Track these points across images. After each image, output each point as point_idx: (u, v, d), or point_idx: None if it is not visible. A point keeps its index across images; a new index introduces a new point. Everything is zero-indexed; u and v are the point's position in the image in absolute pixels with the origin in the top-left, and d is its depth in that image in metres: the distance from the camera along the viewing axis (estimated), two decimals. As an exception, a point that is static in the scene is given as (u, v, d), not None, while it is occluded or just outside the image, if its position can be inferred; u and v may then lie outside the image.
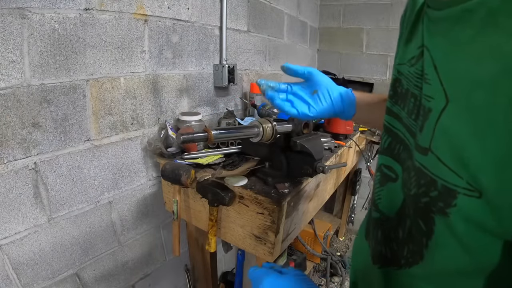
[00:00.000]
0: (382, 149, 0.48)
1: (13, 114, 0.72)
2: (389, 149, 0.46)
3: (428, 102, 0.35)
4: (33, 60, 0.74)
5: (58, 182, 0.84)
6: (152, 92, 1.07)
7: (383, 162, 0.47)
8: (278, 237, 0.83)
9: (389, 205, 0.44)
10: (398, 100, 0.44)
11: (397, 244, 0.41)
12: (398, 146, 0.44)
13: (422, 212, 0.35)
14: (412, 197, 0.37)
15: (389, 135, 0.46)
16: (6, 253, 0.75)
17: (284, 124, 0.81)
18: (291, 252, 1.86)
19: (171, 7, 1.08)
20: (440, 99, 0.33)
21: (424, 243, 0.35)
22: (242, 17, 1.48)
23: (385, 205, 0.46)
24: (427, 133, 0.34)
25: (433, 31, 0.36)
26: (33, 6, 0.72)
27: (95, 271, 0.99)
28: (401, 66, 0.44)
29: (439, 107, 0.33)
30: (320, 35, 2.46)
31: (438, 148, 0.32)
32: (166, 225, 1.24)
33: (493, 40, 0.27)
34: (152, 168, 1.13)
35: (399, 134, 0.43)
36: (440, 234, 0.33)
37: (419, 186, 0.36)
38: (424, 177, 0.35)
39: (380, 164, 0.48)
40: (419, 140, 0.36)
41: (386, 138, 0.47)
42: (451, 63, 0.32)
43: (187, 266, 1.38)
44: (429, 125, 0.34)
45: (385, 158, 0.47)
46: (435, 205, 0.33)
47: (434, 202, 0.33)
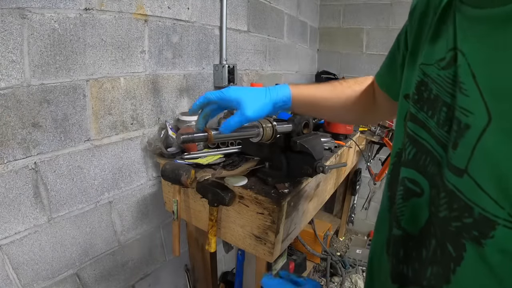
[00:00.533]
0: (406, 160, 0.43)
1: (13, 114, 0.72)
2: (414, 161, 0.41)
3: (465, 117, 0.30)
4: (33, 60, 0.74)
5: (58, 182, 0.84)
6: (152, 92, 1.07)
7: (406, 175, 0.42)
8: (278, 237, 0.83)
9: (412, 222, 0.41)
10: (424, 106, 0.39)
11: (419, 264, 0.38)
12: (424, 158, 0.39)
13: (452, 237, 0.32)
14: (441, 219, 0.34)
15: (413, 146, 0.41)
16: (6, 253, 0.75)
17: (284, 124, 0.81)
18: (291, 252, 1.86)
19: (171, 7, 1.08)
20: (481, 116, 0.28)
21: (452, 268, 0.32)
22: (242, 17, 1.48)
23: (408, 221, 0.42)
24: (463, 152, 0.30)
25: (470, 33, 0.31)
26: (33, 6, 0.72)
27: (95, 271, 0.99)
28: (428, 67, 0.38)
29: (479, 125, 0.28)
30: (320, 35, 2.46)
31: (477, 171, 0.29)
32: (166, 225, 1.24)
33: None
34: (152, 168, 1.13)
35: (425, 145, 0.39)
36: (471, 261, 0.30)
37: (451, 209, 0.32)
38: (457, 201, 0.31)
39: (403, 177, 0.43)
40: (452, 158, 0.32)
41: (411, 149, 0.41)
42: (495, 73, 0.28)
43: (187, 266, 1.38)
44: (466, 143, 0.30)
45: (409, 171, 0.42)
46: (468, 232, 0.30)
47: (467, 229, 0.30)
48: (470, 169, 0.29)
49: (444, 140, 0.35)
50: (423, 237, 0.38)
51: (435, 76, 0.37)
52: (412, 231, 0.40)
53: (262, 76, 1.73)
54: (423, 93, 0.39)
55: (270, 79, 1.80)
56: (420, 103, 0.40)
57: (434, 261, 0.35)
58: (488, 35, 0.28)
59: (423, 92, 0.39)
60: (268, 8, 1.69)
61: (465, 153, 0.30)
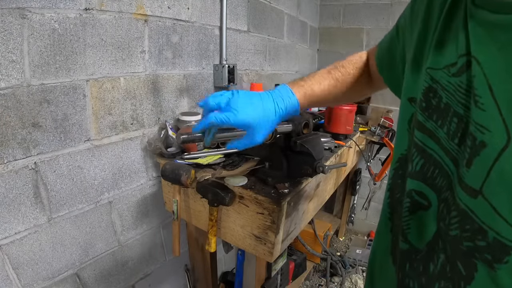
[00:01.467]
0: (413, 171, 0.40)
1: (13, 114, 0.72)
2: (421, 173, 0.39)
3: (481, 134, 0.28)
4: (33, 60, 0.74)
5: (58, 182, 0.84)
6: (152, 92, 1.07)
7: (413, 187, 0.40)
8: (278, 237, 0.83)
9: (419, 236, 0.39)
10: (433, 114, 0.36)
11: (426, 279, 0.37)
12: (432, 170, 0.37)
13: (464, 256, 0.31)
14: (452, 237, 0.32)
15: (421, 156, 0.39)
16: (6, 253, 0.75)
17: (284, 124, 0.81)
18: (291, 252, 1.86)
19: (171, 7, 1.08)
20: (499, 135, 0.26)
21: (462, 286, 0.31)
22: (242, 17, 1.48)
23: (414, 236, 0.40)
24: (478, 172, 0.28)
25: (487, 40, 0.29)
26: (33, 6, 0.72)
27: (95, 271, 0.99)
28: (436, 72, 0.36)
29: (497, 145, 0.26)
30: (320, 35, 2.46)
31: (493, 194, 0.27)
32: (166, 225, 1.24)
33: None
34: (152, 168, 1.13)
35: (434, 156, 0.37)
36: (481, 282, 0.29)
37: (463, 230, 0.31)
38: (470, 222, 0.30)
39: (410, 189, 0.41)
40: (465, 177, 0.30)
41: (418, 160, 0.39)
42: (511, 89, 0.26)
43: (187, 266, 1.38)
44: (481, 162, 0.28)
45: (416, 183, 0.40)
46: (480, 254, 0.29)
47: (480, 251, 0.29)
48: (485, 191, 0.28)
49: (454, 154, 0.33)
50: (430, 251, 0.37)
51: (445, 83, 0.34)
52: (419, 245, 0.39)
53: (262, 76, 1.73)
54: (432, 100, 0.37)
55: (270, 79, 1.80)
56: (429, 111, 0.37)
57: (443, 277, 0.34)
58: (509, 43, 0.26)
59: (431, 99, 0.37)
60: (268, 8, 1.69)
61: (481, 174, 0.28)
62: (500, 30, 0.27)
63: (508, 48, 0.26)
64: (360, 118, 1.86)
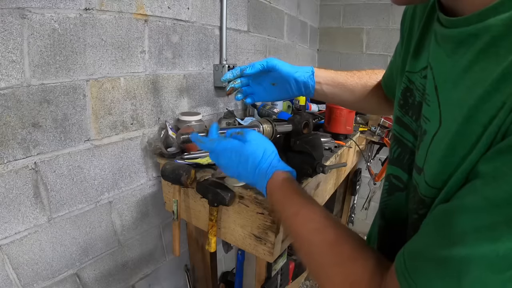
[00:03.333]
0: (392, 159, 0.47)
1: (13, 114, 0.72)
2: (398, 160, 0.45)
3: (425, 124, 0.35)
4: (33, 60, 0.74)
5: (58, 182, 0.84)
6: (152, 92, 1.07)
7: (391, 172, 0.47)
8: (278, 237, 0.83)
9: (395, 214, 0.45)
10: (409, 110, 0.43)
11: None
12: (407, 157, 0.43)
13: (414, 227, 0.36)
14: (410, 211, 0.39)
15: (398, 146, 0.46)
16: (6, 253, 0.75)
17: (284, 124, 0.81)
18: (291, 252, 1.86)
19: (171, 7, 1.08)
20: (434, 123, 0.33)
21: None
22: (242, 17, 1.48)
23: (391, 214, 0.46)
24: (422, 153, 0.35)
25: (438, 50, 0.35)
26: (33, 6, 0.72)
27: (95, 271, 0.99)
28: (413, 75, 0.42)
29: (433, 130, 0.33)
30: (320, 35, 2.46)
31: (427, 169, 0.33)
32: (166, 225, 1.24)
33: (489, 69, 0.26)
34: (152, 168, 1.13)
35: (408, 145, 0.43)
36: None
37: (413, 202, 0.37)
38: (417, 195, 0.36)
39: (389, 174, 0.48)
40: (416, 159, 0.37)
41: (396, 148, 0.46)
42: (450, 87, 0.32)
43: (187, 266, 1.38)
44: (423, 145, 0.35)
45: (394, 169, 0.46)
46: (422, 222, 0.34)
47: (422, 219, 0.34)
48: (425, 167, 0.34)
49: None
50: (403, 227, 0.42)
51: (418, 84, 0.41)
52: (395, 222, 0.45)
53: (262, 76, 1.73)
54: (408, 99, 0.43)
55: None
56: (405, 108, 0.44)
57: None
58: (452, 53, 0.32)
59: (408, 98, 0.43)
60: (268, 8, 1.69)
61: (423, 154, 0.35)
62: (447, 41, 0.33)
63: (451, 55, 0.32)
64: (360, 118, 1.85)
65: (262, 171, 0.51)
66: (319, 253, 0.38)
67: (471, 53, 0.29)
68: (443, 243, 0.27)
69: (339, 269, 0.36)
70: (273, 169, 0.51)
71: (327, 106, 1.39)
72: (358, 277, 0.34)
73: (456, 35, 0.31)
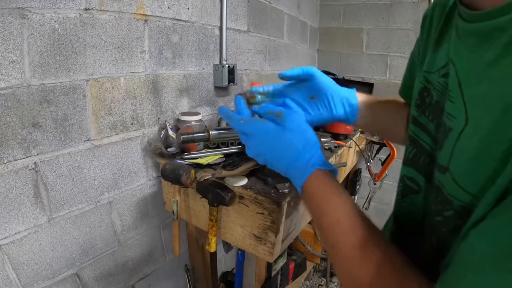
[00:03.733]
0: (406, 160, 0.46)
1: (13, 114, 0.72)
2: (413, 161, 0.44)
3: (449, 121, 0.34)
4: (33, 60, 0.74)
5: (58, 182, 0.84)
6: (152, 92, 1.07)
7: (406, 173, 0.45)
8: (278, 237, 0.83)
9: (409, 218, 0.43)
10: (426, 110, 0.42)
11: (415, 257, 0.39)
12: (423, 158, 0.42)
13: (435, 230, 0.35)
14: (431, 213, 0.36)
15: (414, 146, 0.44)
16: (6, 253, 0.75)
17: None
18: (291, 252, 1.86)
19: (171, 7, 1.08)
20: (460, 119, 0.32)
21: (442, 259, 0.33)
22: (242, 17, 1.48)
23: (405, 217, 0.44)
24: (446, 152, 0.33)
25: (460, 45, 0.34)
26: (33, 6, 0.72)
27: (95, 271, 0.99)
28: (430, 75, 0.41)
29: (459, 127, 0.32)
30: (320, 35, 2.46)
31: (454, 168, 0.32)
32: (166, 225, 1.24)
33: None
34: (152, 168, 1.13)
35: (425, 146, 0.42)
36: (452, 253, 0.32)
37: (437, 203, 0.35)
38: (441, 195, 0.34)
39: (403, 175, 0.46)
40: (439, 157, 0.35)
41: (411, 149, 0.45)
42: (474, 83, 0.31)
43: (187, 266, 1.38)
44: (448, 143, 0.33)
45: (408, 170, 0.45)
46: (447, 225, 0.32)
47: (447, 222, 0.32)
48: (450, 166, 0.33)
49: None
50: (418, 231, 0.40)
51: (436, 84, 0.39)
52: (409, 225, 0.43)
53: (262, 76, 1.73)
54: (425, 98, 0.42)
55: (270, 79, 1.80)
56: (422, 108, 0.42)
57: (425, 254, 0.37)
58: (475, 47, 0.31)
59: (425, 98, 0.42)
60: (268, 8, 1.69)
61: (448, 152, 0.33)
62: (469, 36, 0.32)
63: (475, 50, 0.31)
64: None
65: (301, 166, 0.44)
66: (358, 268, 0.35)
67: (496, 47, 0.28)
68: None
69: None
70: (313, 166, 0.43)
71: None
72: None
73: (479, 29, 0.30)
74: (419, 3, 2.00)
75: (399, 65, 2.19)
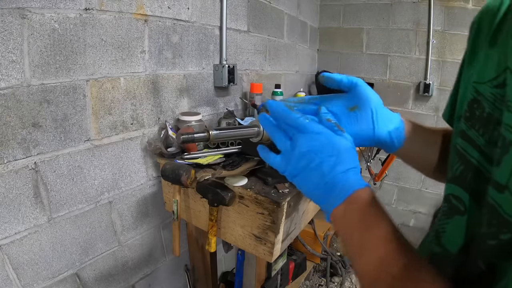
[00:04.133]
0: (452, 177, 0.41)
1: (13, 114, 0.72)
2: (461, 178, 0.40)
3: (510, 134, 0.31)
4: (33, 60, 0.74)
5: (58, 182, 0.84)
6: (152, 92, 1.07)
7: (452, 192, 0.41)
8: (278, 237, 0.83)
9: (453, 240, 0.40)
10: (475, 124, 0.39)
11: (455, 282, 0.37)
12: (471, 175, 0.38)
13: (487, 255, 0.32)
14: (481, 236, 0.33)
15: (462, 162, 0.40)
16: (6, 253, 0.75)
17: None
18: (291, 252, 1.86)
19: (171, 7, 1.08)
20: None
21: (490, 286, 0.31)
22: (242, 17, 1.48)
23: (448, 239, 0.41)
24: (506, 168, 0.30)
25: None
26: (33, 6, 0.72)
27: (95, 271, 0.99)
28: (481, 86, 0.38)
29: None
30: (320, 35, 2.46)
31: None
32: (166, 225, 1.24)
33: None
34: (152, 168, 1.13)
35: (473, 163, 0.38)
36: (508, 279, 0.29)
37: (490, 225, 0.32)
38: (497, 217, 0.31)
39: (448, 193, 0.41)
40: (495, 174, 0.32)
41: (458, 166, 0.40)
42: None
43: (187, 266, 1.38)
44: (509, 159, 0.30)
45: (454, 188, 0.41)
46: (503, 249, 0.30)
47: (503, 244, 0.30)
48: (510, 185, 0.29)
49: None
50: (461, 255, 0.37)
51: (488, 95, 0.36)
52: (452, 249, 0.39)
53: (262, 76, 1.73)
54: (475, 110, 0.38)
55: (270, 79, 1.80)
56: (472, 120, 0.39)
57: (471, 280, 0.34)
58: None
59: (475, 110, 0.38)
60: (268, 8, 1.69)
61: (507, 169, 0.30)
62: None
63: None
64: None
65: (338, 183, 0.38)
66: None
67: None
68: None
69: None
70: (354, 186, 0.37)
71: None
72: None
73: None
74: (419, 3, 2.00)
75: (399, 65, 2.19)
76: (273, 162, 0.43)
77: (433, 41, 2.02)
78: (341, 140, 0.40)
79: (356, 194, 0.37)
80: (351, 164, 0.39)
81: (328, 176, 0.38)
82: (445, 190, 0.42)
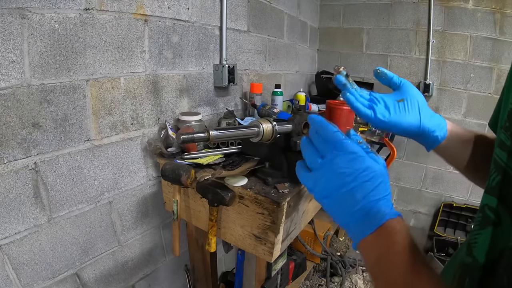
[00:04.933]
0: (489, 188, 0.40)
1: (13, 114, 0.72)
2: (497, 189, 0.38)
3: None
4: (33, 60, 0.74)
5: (58, 182, 0.84)
6: (152, 92, 1.07)
7: (487, 202, 0.40)
8: (278, 237, 0.83)
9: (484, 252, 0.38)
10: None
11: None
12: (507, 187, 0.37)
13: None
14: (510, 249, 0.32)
15: (499, 173, 0.39)
16: (6, 253, 0.75)
17: (284, 125, 0.81)
18: (291, 252, 1.86)
19: (171, 7, 1.08)
20: None
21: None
22: (242, 17, 1.48)
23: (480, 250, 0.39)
24: None
25: None
26: (33, 6, 0.72)
27: (95, 271, 0.99)
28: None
29: None
30: (320, 35, 2.46)
31: None
32: (166, 225, 1.24)
33: None
34: (152, 168, 1.13)
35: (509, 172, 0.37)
36: None
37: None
38: None
39: (484, 204, 0.41)
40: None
41: (495, 176, 0.39)
42: None
43: (187, 266, 1.38)
44: None
45: (490, 199, 0.40)
46: None
47: None
48: None
49: None
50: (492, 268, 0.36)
51: None
52: (482, 261, 0.38)
53: (262, 76, 1.73)
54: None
55: (270, 79, 1.80)
56: (511, 130, 0.37)
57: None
58: None
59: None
60: (268, 8, 1.69)
61: None
62: None
63: None
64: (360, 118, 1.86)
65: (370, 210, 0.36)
66: None
67: None
68: None
69: None
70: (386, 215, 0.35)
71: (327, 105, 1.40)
72: None
73: None
74: (419, 3, 2.00)
75: (399, 65, 2.19)
76: (302, 178, 0.42)
77: (433, 41, 2.02)
78: (377, 165, 0.38)
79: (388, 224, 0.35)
80: (384, 192, 0.37)
81: (360, 203, 0.36)
82: (482, 201, 0.41)
